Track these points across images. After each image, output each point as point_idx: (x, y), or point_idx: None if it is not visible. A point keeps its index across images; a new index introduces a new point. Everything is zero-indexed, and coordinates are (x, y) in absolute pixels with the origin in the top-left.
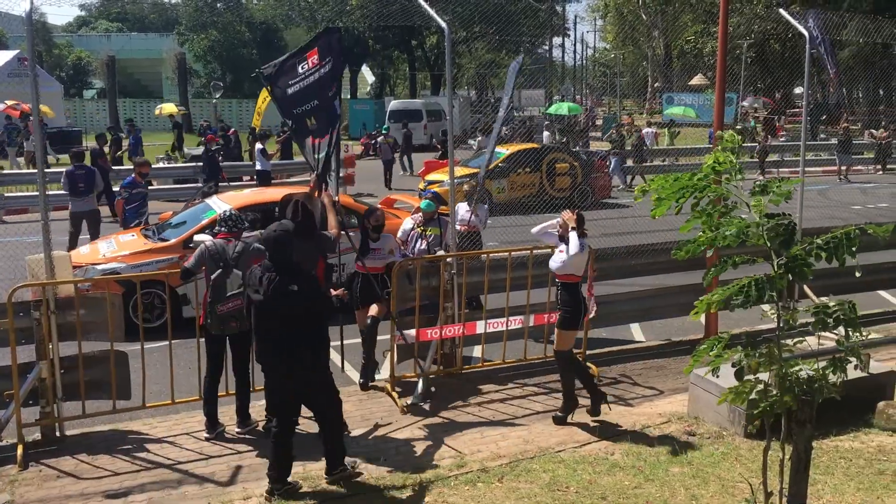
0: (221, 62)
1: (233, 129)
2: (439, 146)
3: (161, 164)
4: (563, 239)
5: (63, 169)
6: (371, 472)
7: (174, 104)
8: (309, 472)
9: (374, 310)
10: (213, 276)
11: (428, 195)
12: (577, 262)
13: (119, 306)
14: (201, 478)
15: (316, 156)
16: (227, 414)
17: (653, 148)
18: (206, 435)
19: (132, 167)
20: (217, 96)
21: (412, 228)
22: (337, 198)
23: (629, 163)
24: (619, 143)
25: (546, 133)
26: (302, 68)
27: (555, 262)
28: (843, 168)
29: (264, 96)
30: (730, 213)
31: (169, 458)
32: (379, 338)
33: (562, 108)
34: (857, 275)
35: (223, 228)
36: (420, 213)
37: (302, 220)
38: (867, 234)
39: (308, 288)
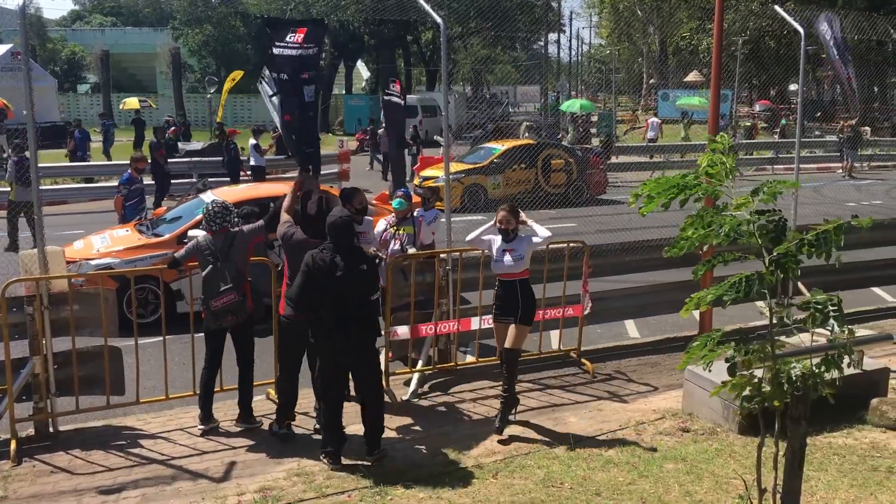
0: (216, 57)
1: (173, 128)
2: (412, 142)
3: None
4: (509, 234)
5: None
6: (365, 469)
7: (137, 99)
8: (304, 469)
9: None
10: (203, 273)
11: (399, 193)
12: (531, 254)
13: (113, 301)
14: (195, 473)
15: (291, 135)
16: (221, 410)
17: (650, 144)
18: (200, 426)
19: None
20: (212, 91)
21: (385, 229)
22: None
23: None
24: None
25: (591, 130)
26: (289, 38)
27: (510, 259)
28: (849, 164)
29: (227, 88)
30: (720, 212)
31: (163, 454)
32: None
33: (574, 105)
34: (837, 266)
35: (213, 227)
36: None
37: (325, 216)
38: (854, 228)
39: (373, 267)
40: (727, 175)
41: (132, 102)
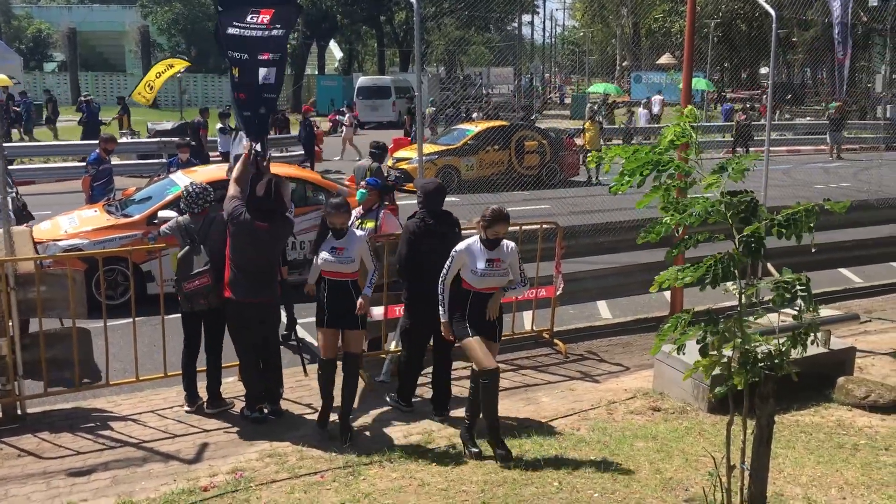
0: (185, 35)
1: (88, 95)
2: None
3: (125, 140)
4: (498, 242)
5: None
6: (338, 451)
7: (7, 76)
8: (276, 450)
9: (351, 341)
10: (179, 254)
11: (362, 185)
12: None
13: (81, 283)
14: (167, 455)
15: (244, 112)
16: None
17: (646, 125)
18: (187, 408)
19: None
20: (182, 71)
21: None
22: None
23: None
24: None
25: (643, 111)
26: (251, 18)
27: (494, 270)
28: (835, 147)
29: (158, 70)
30: (689, 188)
31: (133, 437)
32: None
33: (598, 87)
34: (813, 250)
35: (195, 209)
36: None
37: (275, 200)
38: (826, 210)
39: (460, 232)
40: (694, 149)
41: (3, 80)
